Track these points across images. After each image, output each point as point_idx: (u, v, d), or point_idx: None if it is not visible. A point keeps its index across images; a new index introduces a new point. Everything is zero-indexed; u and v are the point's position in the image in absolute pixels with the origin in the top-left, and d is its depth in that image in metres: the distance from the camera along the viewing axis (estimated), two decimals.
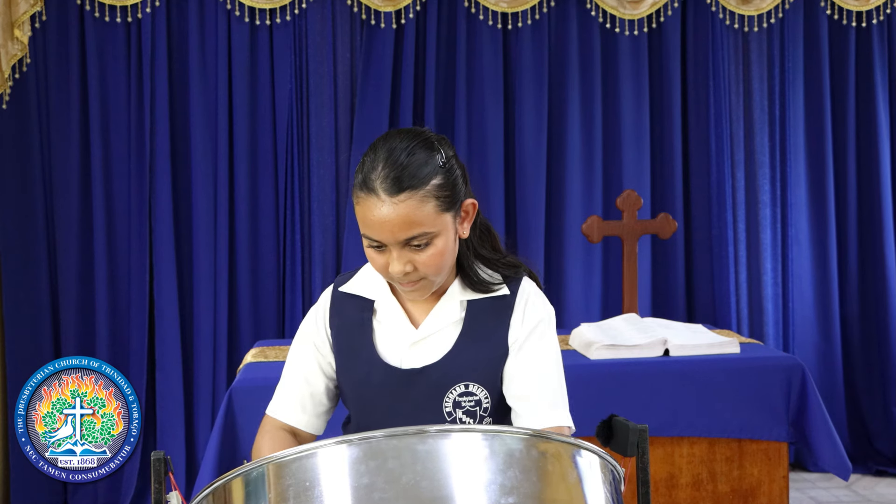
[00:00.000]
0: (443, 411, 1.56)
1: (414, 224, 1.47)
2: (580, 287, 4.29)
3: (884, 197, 4.42)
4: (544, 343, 1.60)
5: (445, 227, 1.51)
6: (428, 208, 1.48)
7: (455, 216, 1.54)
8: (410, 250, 1.50)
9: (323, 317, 1.67)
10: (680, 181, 4.36)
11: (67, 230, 4.05)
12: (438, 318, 1.60)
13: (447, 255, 1.53)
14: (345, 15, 4.16)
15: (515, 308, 1.60)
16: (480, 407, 1.57)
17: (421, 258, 1.50)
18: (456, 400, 1.56)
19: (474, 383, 1.56)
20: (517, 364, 1.58)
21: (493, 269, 1.63)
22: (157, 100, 4.01)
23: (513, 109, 4.26)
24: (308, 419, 1.68)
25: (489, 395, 1.57)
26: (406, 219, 1.47)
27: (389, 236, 1.48)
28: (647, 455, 1.50)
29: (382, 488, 1.11)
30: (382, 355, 1.60)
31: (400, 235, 1.48)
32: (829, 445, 3.04)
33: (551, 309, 1.65)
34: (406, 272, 1.51)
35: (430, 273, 1.52)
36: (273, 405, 1.69)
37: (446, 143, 1.56)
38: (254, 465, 1.18)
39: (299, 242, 4.14)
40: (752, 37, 4.39)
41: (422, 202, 1.47)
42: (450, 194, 1.51)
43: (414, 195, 1.47)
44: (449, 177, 1.51)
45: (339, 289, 1.67)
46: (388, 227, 1.47)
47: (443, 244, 1.51)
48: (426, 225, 1.48)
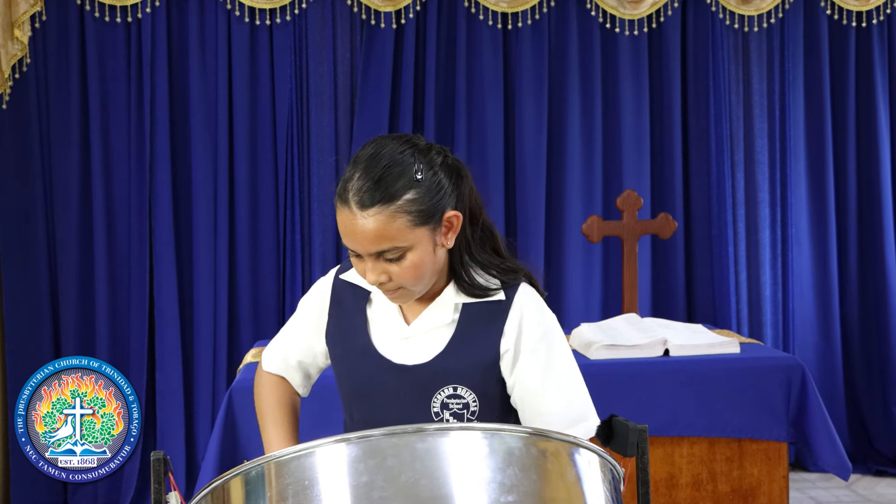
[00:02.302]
0: (430, 411, 1.56)
1: (384, 238, 1.47)
2: (580, 287, 4.29)
3: (884, 197, 4.42)
4: (553, 354, 1.58)
5: (419, 240, 1.50)
6: (399, 223, 1.47)
7: (434, 229, 1.52)
8: (384, 261, 1.50)
9: (324, 300, 1.71)
10: (680, 181, 4.36)
11: (67, 230, 4.05)
12: (429, 319, 1.60)
13: (423, 267, 1.52)
14: (345, 15, 4.16)
15: (510, 315, 1.58)
16: (468, 410, 1.56)
17: (395, 270, 1.51)
18: (444, 401, 1.56)
19: (463, 386, 1.56)
20: (533, 386, 1.56)
21: (491, 275, 1.62)
22: (157, 100, 4.01)
23: (513, 109, 4.26)
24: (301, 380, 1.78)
25: (477, 399, 1.56)
26: (376, 233, 1.47)
27: (361, 248, 1.50)
28: (647, 455, 1.50)
29: (382, 486, 1.11)
30: (376, 345, 1.61)
31: (371, 248, 1.49)
32: (829, 445, 3.03)
33: (551, 316, 1.63)
34: (381, 282, 1.52)
35: (407, 284, 1.53)
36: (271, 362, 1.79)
37: (433, 154, 1.53)
38: (253, 464, 1.18)
39: (299, 242, 4.14)
40: (752, 37, 4.39)
41: (392, 217, 1.47)
42: (424, 209, 1.49)
43: (384, 210, 1.46)
44: (424, 191, 1.49)
45: (340, 276, 1.69)
46: (359, 239, 1.48)
47: (417, 258, 1.50)
48: (397, 240, 1.48)
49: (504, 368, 1.57)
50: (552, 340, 1.59)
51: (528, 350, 1.56)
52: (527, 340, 1.57)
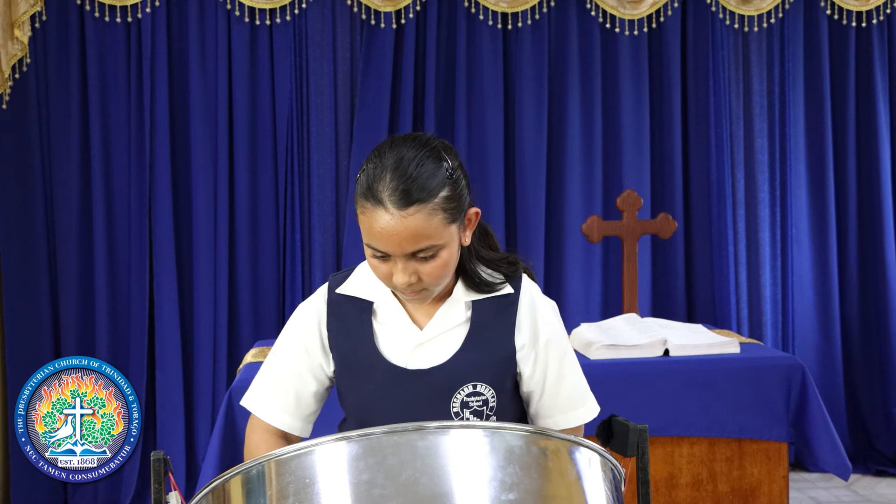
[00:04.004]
0: (450, 411, 1.55)
1: (422, 237, 1.46)
2: (580, 287, 4.29)
3: (884, 197, 4.42)
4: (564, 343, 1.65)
5: (451, 238, 1.50)
6: (436, 221, 1.46)
7: (460, 226, 1.53)
8: (416, 261, 1.49)
9: (318, 319, 1.65)
10: (680, 181, 4.36)
11: (67, 230, 4.05)
12: (444, 321, 1.59)
13: (450, 265, 1.52)
14: (345, 15, 4.16)
15: (519, 307, 1.60)
16: (487, 406, 1.56)
17: (426, 269, 1.49)
18: (464, 400, 1.55)
19: (482, 383, 1.56)
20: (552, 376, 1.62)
21: (494, 269, 1.63)
22: (157, 100, 4.01)
23: (513, 109, 4.26)
24: (292, 421, 1.64)
25: (496, 395, 1.57)
26: (415, 232, 1.45)
27: (396, 248, 1.47)
28: (647, 455, 1.50)
29: (382, 485, 1.11)
30: (386, 356, 1.58)
31: (407, 248, 1.46)
32: (829, 445, 3.03)
33: (554, 304, 1.67)
34: (410, 283, 1.50)
35: (433, 284, 1.52)
36: (259, 406, 1.65)
37: (452, 152, 1.54)
38: (253, 463, 1.18)
39: (299, 242, 4.14)
40: (751, 37, 4.39)
41: (430, 215, 1.45)
42: (456, 206, 1.49)
43: (423, 208, 1.45)
44: (456, 188, 1.49)
45: (337, 290, 1.65)
46: (396, 239, 1.45)
47: (448, 255, 1.50)
48: (434, 238, 1.47)
49: (522, 361, 1.60)
50: (560, 329, 1.65)
51: (545, 342, 1.61)
52: (543, 333, 1.61)
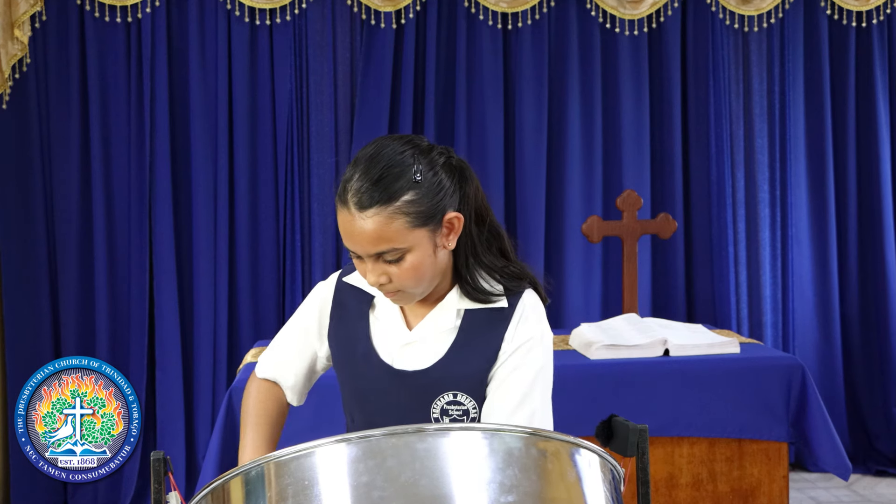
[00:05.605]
0: (430, 417, 1.56)
1: (382, 240, 1.46)
2: (580, 287, 4.29)
3: (884, 197, 4.42)
4: (528, 360, 1.55)
5: (419, 242, 1.49)
6: (397, 224, 1.46)
7: (434, 230, 1.50)
8: (384, 263, 1.50)
9: (321, 307, 1.69)
10: (680, 181, 4.36)
11: (67, 230, 4.05)
12: (431, 325, 1.59)
13: (422, 269, 1.51)
14: (345, 15, 4.16)
15: (511, 322, 1.57)
16: (468, 417, 1.55)
17: (394, 271, 1.50)
18: (444, 407, 1.55)
19: (463, 393, 1.55)
20: (496, 383, 1.55)
21: (495, 279, 1.60)
22: (157, 100, 4.01)
23: (513, 109, 4.26)
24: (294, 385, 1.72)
25: (477, 406, 1.55)
26: (374, 234, 1.46)
27: (360, 249, 1.49)
28: (647, 455, 1.50)
29: (381, 487, 1.11)
30: (378, 351, 1.60)
31: (370, 249, 1.48)
32: (829, 445, 3.03)
33: (545, 328, 1.60)
34: (381, 283, 1.51)
35: (406, 286, 1.52)
36: (265, 367, 1.74)
37: (434, 154, 1.52)
38: (253, 465, 1.18)
39: (299, 242, 4.14)
40: (751, 37, 4.39)
41: (390, 218, 1.45)
42: (423, 210, 1.48)
43: (382, 211, 1.45)
44: (424, 192, 1.48)
45: (344, 279, 1.68)
46: (358, 240, 1.47)
47: (416, 259, 1.49)
48: (395, 241, 1.47)
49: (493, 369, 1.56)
50: (538, 362, 1.56)
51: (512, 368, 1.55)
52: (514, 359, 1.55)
